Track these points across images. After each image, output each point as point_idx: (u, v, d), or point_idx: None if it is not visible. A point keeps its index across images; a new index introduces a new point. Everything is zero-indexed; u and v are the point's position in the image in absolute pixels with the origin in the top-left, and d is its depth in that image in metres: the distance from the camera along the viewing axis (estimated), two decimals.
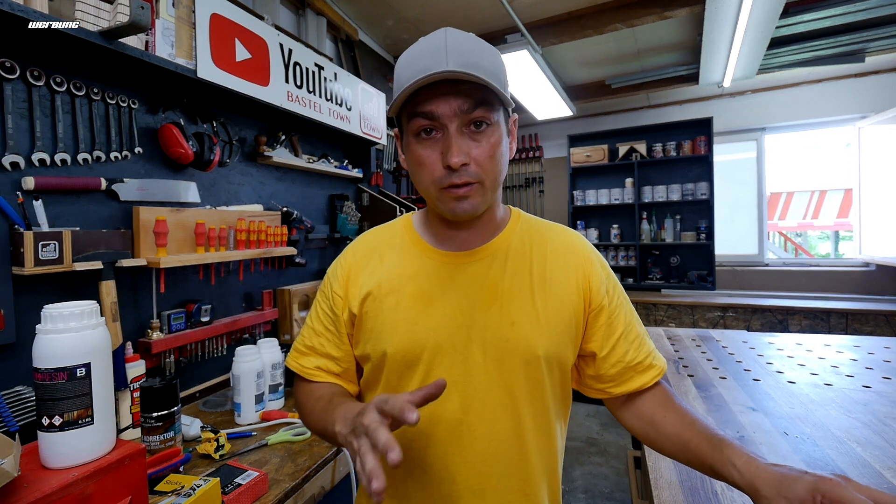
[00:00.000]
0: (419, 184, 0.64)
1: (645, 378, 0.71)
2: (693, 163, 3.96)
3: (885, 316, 3.03)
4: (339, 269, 0.75)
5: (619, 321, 0.71)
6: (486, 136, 0.61)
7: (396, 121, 0.67)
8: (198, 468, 1.05)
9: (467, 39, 0.60)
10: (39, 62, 1.12)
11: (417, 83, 0.56)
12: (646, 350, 0.72)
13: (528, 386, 0.66)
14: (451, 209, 0.62)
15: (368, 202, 2.45)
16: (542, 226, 0.76)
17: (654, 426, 0.68)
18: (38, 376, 0.67)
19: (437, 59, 0.57)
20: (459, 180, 0.59)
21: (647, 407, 0.70)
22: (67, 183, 1.15)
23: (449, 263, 0.69)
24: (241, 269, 1.70)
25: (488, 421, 0.65)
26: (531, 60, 2.66)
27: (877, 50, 2.97)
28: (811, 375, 1.54)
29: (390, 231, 0.77)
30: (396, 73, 0.63)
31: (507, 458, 0.65)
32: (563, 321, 0.67)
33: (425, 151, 0.61)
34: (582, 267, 0.70)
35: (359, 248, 0.76)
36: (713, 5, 2.23)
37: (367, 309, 0.69)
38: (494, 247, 0.70)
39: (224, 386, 1.62)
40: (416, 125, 0.61)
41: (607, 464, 2.81)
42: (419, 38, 0.63)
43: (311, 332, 0.75)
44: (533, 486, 0.67)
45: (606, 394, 0.73)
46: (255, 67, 1.60)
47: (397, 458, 0.43)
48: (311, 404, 0.69)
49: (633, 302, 3.33)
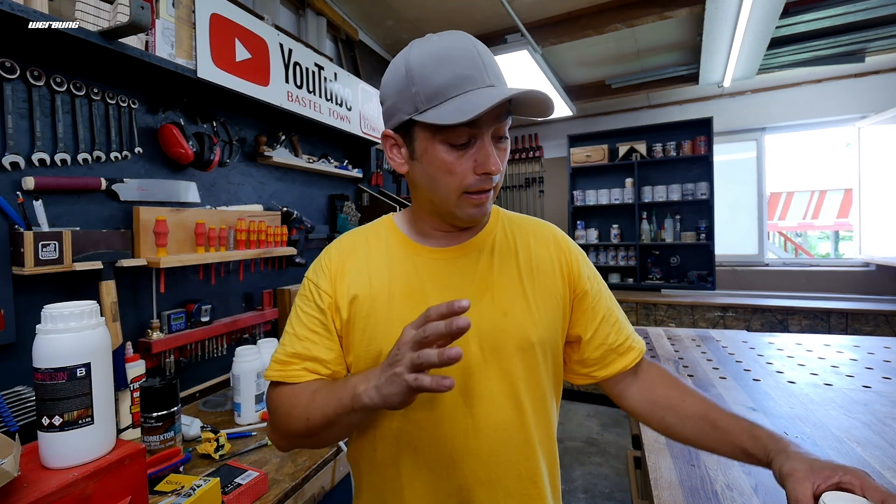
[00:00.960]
0: (439, 190, 0.63)
1: (626, 360, 0.73)
2: (693, 163, 3.96)
3: (885, 316, 3.03)
4: (322, 268, 0.72)
5: (600, 305, 0.74)
6: (505, 147, 0.64)
7: (402, 125, 0.63)
8: (198, 468, 1.05)
9: (487, 49, 0.63)
10: (39, 62, 1.12)
11: (489, 107, 0.54)
12: (625, 332, 0.75)
13: (525, 374, 0.67)
14: (470, 214, 0.64)
15: (368, 202, 2.45)
16: (519, 218, 0.78)
17: (674, 410, 0.69)
18: (38, 376, 0.67)
19: (477, 69, 0.59)
20: (488, 185, 0.62)
21: (662, 391, 0.72)
22: (67, 183, 1.15)
23: (438, 259, 0.70)
24: (241, 269, 1.70)
25: (491, 411, 0.65)
26: (531, 60, 2.65)
27: (877, 50, 2.97)
28: (811, 375, 1.54)
29: (374, 231, 0.75)
30: (419, 70, 0.59)
31: (513, 446, 0.66)
32: (553, 307, 0.70)
33: (458, 159, 0.61)
34: (564, 254, 0.74)
35: (343, 247, 0.74)
36: (713, 5, 2.23)
37: (356, 310, 0.67)
38: (480, 240, 0.71)
39: (224, 386, 1.62)
40: (456, 136, 0.59)
41: (607, 464, 2.81)
42: (433, 37, 0.62)
43: (292, 340, 0.69)
44: (539, 473, 0.68)
45: (591, 378, 0.75)
46: (255, 67, 1.60)
47: (451, 382, 0.46)
48: (305, 399, 0.62)
49: (633, 302, 3.30)
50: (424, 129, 0.61)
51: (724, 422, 0.63)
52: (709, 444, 0.64)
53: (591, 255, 4.37)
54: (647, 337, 2.15)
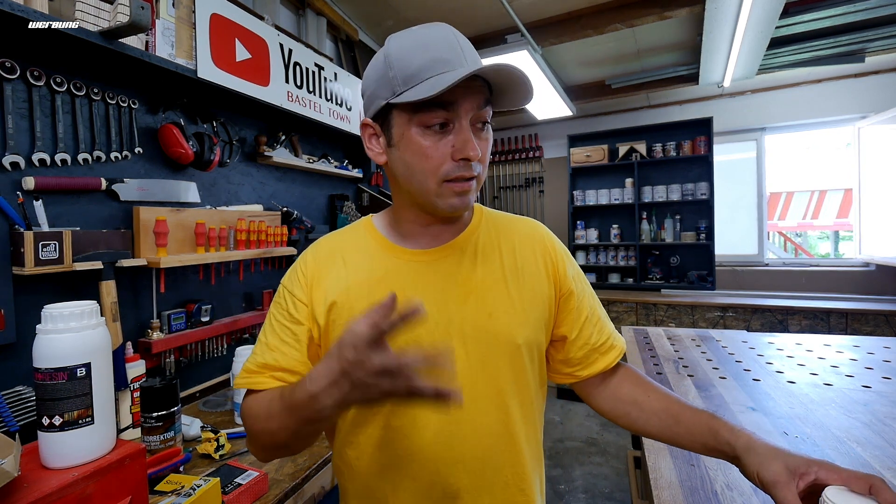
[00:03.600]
0: (415, 177, 0.61)
1: (608, 359, 0.73)
2: (693, 163, 3.96)
3: (885, 316, 3.03)
4: (298, 275, 0.69)
5: (584, 304, 0.73)
6: (487, 134, 0.62)
7: (379, 111, 0.62)
8: (198, 468, 1.05)
9: (466, 39, 0.62)
10: (40, 62, 1.12)
11: (460, 78, 0.53)
12: (607, 332, 0.75)
13: (512, 376, 0.66)
14: (451, 204, 0.61)
15: (368, 202, 2.45)
16: (504, 218, 0.76)
17: (638, 405, 0.70)
18: (38, 376, 0.67)
19: (453, 52, 0.58)
20: (468, 173, 0.60)
21: (627, 389, 0.73)
22: (67, 183, 1.15)
23: (419, 261, 0.67)
24: (241, 269, 1.70)
25: (477, 416, 0.64)
26: (531, 60, 2.65)
27: (877, 50, 2.97)
28: (811, 375, 1.54)
29: (352, 234, 0.73)
30: (397, 55, 0.59)
31: (499, 452, 0.65)
32: (538, 308, 0.69)
33: (434, 143, 0.59)
34: (549, 254, 0.73)
35: (320, 251, 0.71)
36: (713, 5, 2.23)
37: (335, 317, 0.65)
38: (463, 241, 0.69)
39: (224, 386, 1.62)
40: (431, 117, 0.58)
41: (607, 464, 2.81)
42: (413, 27, 0.62)
43: (263, 349, 0.66)
44: (526, 479, 0.67)
45: (574, 377, 0.75)
46: (255, 67, 1.60)
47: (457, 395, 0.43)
48: (264, 411, 0.59)
49: (633, 302, 3.30)
50: (401, 115, 0.60)
51: (686, 416, 0.64)
52: (672, 438, 0.65)
53: (591, 255, 4.38)
54: (647, 337, 2.15)
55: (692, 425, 0.63)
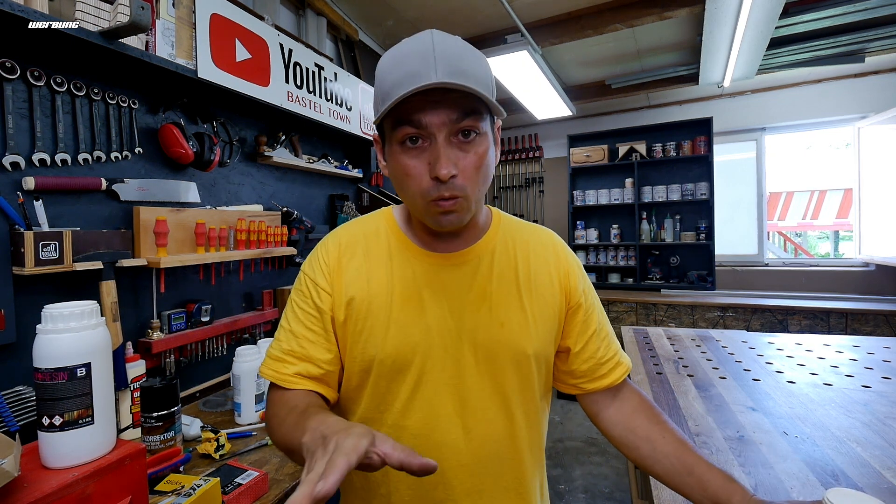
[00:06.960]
0: (405, 194, 0.62)
1: (614, 375, 0.73)
2: (693, 163, 3.96)
3: (884, 316, 3.03)
4: (320, 262, 0.68)
5: (592, 319, 0.73)
6: (475, 146, 0.59)
7: (378, 125, 0.63)
8: (198, 468, 1.05)
9: (455, 44, 0.58)
10: (40, 62, 1.12)
11: (407, 93, 0.53)
12: (614, 349, 0.75)
13: (519, 385, 0.67)
14: (438, 222, 0.60)
15: (368, 202, 2.46)
16: (520, 226, 0.76)
17: (651, 443, 0.67)
18: (38, 376, 0.67)
19: (425, 65, 0.54)
20: (447, 193, 0.57)
21: (642, 423, 0.70)
22: (68, 183, 1.15)
23: (437, 265, 0.67)
24: (241, 269, 1.70)
25: (482, 422, 0.65)
26: (531, 61, 2.65)
27: (877, 50, 2.97)
28: (811, 375, 1.54)
29: (373, 225, 0.72)
30: (379, 75, 0.60)
31: (501, 458, 0.66)
32: (548, 319, 0.69)
33: (412, 161, 0.58)
34: (562, 266, 0.73)
35: (342, 239, 0.70)
36: (713, 5, 2.23)
37: (352, 313, 0.65)
38: (480, 249, 0.70)
39: (224, 386, 1.62)
40: (401, 133, 0.57)
41: (607, 464, 2.81)
42: (405, 38, 0.60)
43: (288, 336, 0.67)
44: (526, 485, 0.68)
45: (579, 389, 0.75)
46: (255, 67, 1.60)
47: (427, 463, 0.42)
48: (282, 414, 0.61)
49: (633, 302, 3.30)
50: (388, 131, 0.60)
51: (700, 469, 0.61)
52: (679, 486, 0.63)
53: (591, 255, 4.38)
54: (646, 337, 2.15)
55: (706, 481, 0.60)
